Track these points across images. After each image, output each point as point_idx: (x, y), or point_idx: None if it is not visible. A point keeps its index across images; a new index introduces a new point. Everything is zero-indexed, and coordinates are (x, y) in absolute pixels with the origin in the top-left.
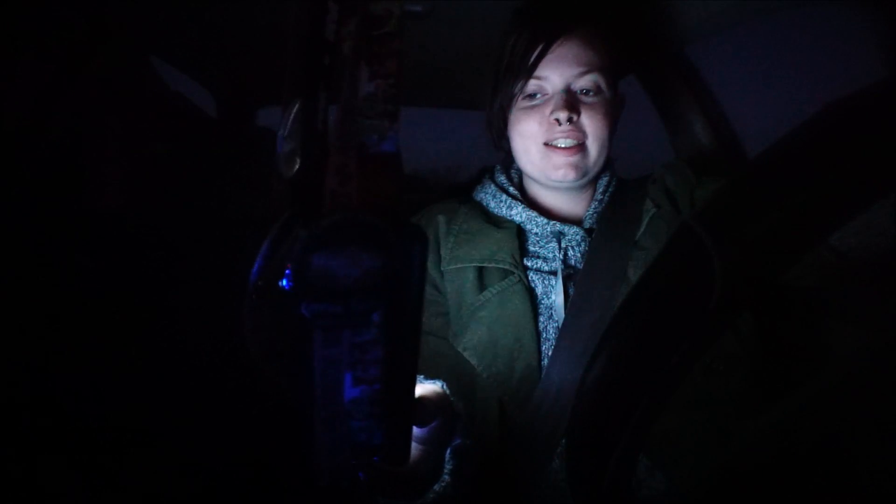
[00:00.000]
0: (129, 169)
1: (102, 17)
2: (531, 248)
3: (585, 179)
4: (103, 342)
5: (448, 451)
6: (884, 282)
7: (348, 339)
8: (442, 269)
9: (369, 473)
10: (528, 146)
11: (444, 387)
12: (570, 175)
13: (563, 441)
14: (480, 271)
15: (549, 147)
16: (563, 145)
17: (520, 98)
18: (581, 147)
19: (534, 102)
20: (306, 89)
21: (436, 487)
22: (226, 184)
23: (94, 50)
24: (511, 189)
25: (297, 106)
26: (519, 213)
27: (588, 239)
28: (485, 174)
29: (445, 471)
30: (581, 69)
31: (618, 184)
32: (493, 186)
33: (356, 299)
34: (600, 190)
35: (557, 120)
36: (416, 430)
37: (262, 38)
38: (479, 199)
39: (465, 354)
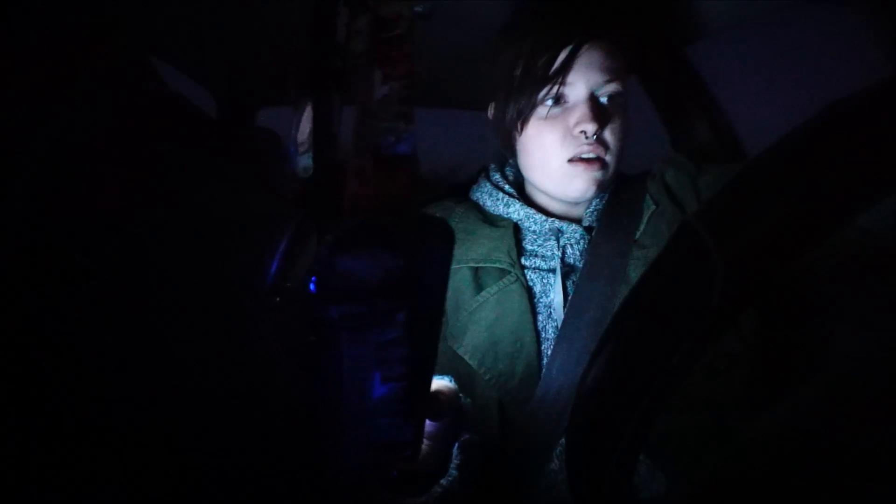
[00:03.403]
0: (129, 169)
1: (102, 17)
2: (528, 247)
3: (599, 194)
4: (103, 342)
5: (455, 445)
6: None
7: (375, 338)
8: None
9: (399, 471)
10: (547, 160)
11: (452, 382)
12: (591, 191)
13: (562, 441)
14: (476, 271)
15: (573, 163)
16: (586, 157)
17: (540, 106)
18: (602, 162)
19: (554, 112)
20: (318, 91)
21: (443, 482)
22: (226, 184)
23: (94, 50)
24: (507, 187)
25: (308, 108)
26: (517, 211)
27: (587, 237)
28: (482, 173)
29: (452, 465)
30: (606, 77)
31: (618, 181)
32: (488, 185)
33: (381, 299)
34: None
35: (584, 132)
36: (427, 425)
37: (263, 38)
38: (475, 198)
39: (465, 357)
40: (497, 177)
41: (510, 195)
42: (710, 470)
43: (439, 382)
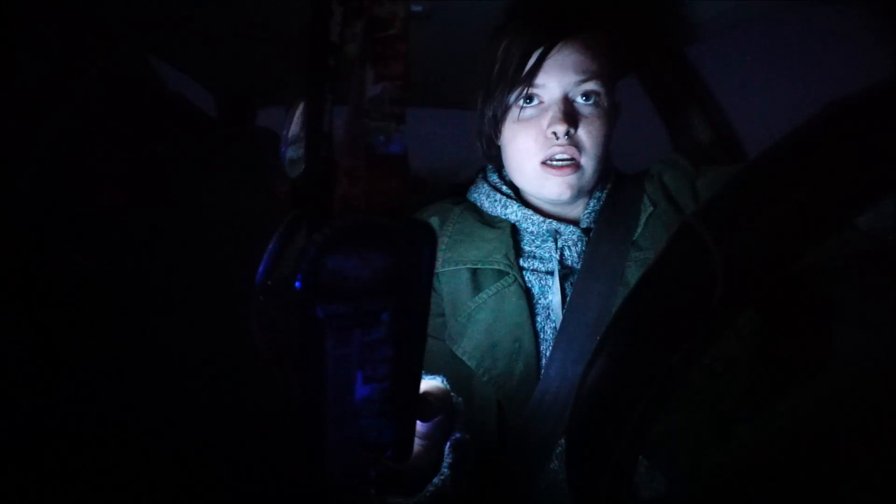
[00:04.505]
0: (128, 169)
1: (102, 17)
2: (527, 248)
3: (581, 196)
4: (103, 342)
5: (447, 445)
6: None
7: (359, 338)
8: (436, 270)
9: (379, 471)
10: (522, 163)
11: (444, 382)
12: (566, 195)
13: (562, 441)
14: (475, 273)
15: (545, 166)
16: (558, 163)
17: (514, 108)
18: (577, 166)
19: (529, 113)
20: (311, 91)
21: (435, 481)
22: (226, 184)
23: (94, 50)
24: (504, 188)
25: (301, 107)
26: (514, 212)
27: (585, 238)
28: (480, 174)
29: (444, 464)
30: (580, 76)
31: (616, 181)
32: (486, 186)
33: (368, 299)
34: (598, 188)
35: (555, 133)
36: (418, 426)
37: (262, 38)
38: (473, 199)
39: (464, 358)
40: (495, 178)
41: (508, 196)
42: (710, 470)
43: (430, 383)
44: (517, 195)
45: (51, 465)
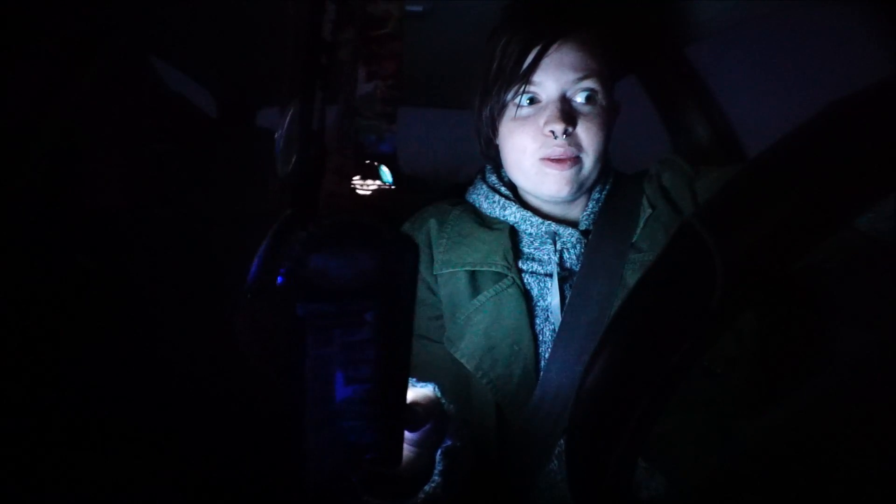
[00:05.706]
0: (128, 169)
1: (102, 17)
2: (525, 250)
3: (580, 193)
4: (103, 341)
5: (439, 452)
6: None
7: (339, 338)
8: (434, 272)
9: (361, 475)
10: (521, 160)
11: (436, 390)
12: (564, 191)
13: (561, 442)
14: (473, 275)
15: (544, 162)
16: (557, 157)
17: (511, 106)
18: (576, 160)
19: (527, 112)
20: (304, 89)
21: (426, 488)
22: (225, 184)
23: (94, 50)
24: (503, 189)
25: (294, 106)
26: (513, 213)
27: (584, 240)
28: (478, 175)
29: (436, 472)
30: (578, 75)
31: (614, 182)
32: (484, 187)
33: (349, 299)
34: (597, 189)
35: (552, 132)
36: (407, 433)
37: (262, 38)
38: (471, 200)
39: (463, 361)
40: (493, 178)
41: (506, 197)
42: (709, 470)
43: (420, 391)
44: (516, 196)
45: (49, 465)
